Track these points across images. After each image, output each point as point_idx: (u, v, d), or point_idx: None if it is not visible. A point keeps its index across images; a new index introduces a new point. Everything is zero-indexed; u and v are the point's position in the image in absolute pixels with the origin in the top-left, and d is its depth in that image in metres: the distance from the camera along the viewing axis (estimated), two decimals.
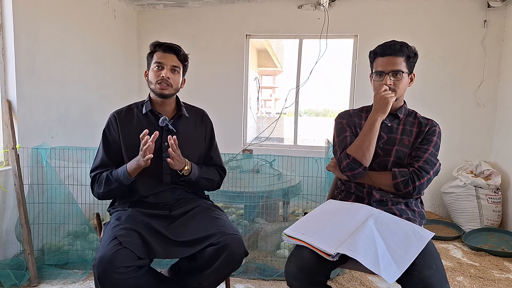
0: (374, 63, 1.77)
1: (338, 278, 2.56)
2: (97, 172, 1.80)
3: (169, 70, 1.80)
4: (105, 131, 1.84)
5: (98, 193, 1.78)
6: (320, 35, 4.12)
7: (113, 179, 1.73)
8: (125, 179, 1.70)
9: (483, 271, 2.75)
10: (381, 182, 1.72)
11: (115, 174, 1.73)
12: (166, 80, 1.78)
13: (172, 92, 1.83)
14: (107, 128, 1.84)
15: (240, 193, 2.88)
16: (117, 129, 1.82)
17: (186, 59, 1.89)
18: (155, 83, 1.79)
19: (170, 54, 1.81)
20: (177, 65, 1.83)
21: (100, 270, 1.42)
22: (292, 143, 4.57)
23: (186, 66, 1.91)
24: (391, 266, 1.29)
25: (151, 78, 1.82)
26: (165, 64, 1.79)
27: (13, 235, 2.67)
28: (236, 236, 1.60)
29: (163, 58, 1.80)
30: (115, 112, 1.87)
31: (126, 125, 1.83)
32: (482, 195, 3.55)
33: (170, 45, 1.83)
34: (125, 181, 1.71)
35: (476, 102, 4.00)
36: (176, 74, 1.83)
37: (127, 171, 1.69)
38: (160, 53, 1.81)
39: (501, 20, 3.87)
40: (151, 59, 1.84)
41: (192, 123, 1.93)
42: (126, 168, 1.71)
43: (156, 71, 1.80)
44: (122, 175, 1.70)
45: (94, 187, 1.80)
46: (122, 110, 1.89)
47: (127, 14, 4.27)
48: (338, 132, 1.85)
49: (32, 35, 2.81)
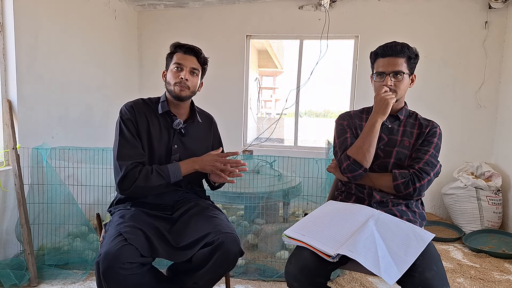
0: (375, 64, 1.77)
1: (338, 279, 2.56)
2: (134, 162, 1.68)
3: (188, 72, 1.78)
4: (125, 120, 1.74)
5: (137, 186, 1.65)
6: (321, 36, 4.12)
7: (163, 174, 1.69)
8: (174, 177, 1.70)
9: (483, 272, 2.75)
10: (382, 184, 1.72)
11: (165, 169, 1.70)
12: (185, 82, 1.76)
13: (189, 94, 1.81)
14: (126, 116, 1.75)
15: (240, 194, 2.88)
16: (135, 118, 1.77)
17: (206, 62, 1.88)
18: (174, 85, 1.77)
19: (190, 56, 1.80)
20: (197, 67, 1.81)
21: (105, 265, 1.42)
22: (293, 144, 4.57)
23: (205, 70, 1.90)
24: (392, 268, 1.29)
25: (170, 79, 1.79)
26: (185, 65, 1.78)
27: (13, 235, 2.67)
28: (232, 235, 1.59)
29: (183, 59, 1.78)
30: (132, 103, 1.80)
31: (143, 119, 1.79)
32: (482, 197, 3.55)
33: (191, 47, 1.81)
34: (173, 179, 1.71)
35: (477, 103, 4.00)
36: (195, 77, 1.82)
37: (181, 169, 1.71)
38: (181, 54, 1.79)
39: (502, 21, 3.87)
40: (171, 60, 1.82)
41: (202, 129, 1.94)
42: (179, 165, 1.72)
43: (175, 72, 1.78)
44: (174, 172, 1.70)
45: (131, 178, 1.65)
46: (139, 103, 1.82)
47: (127, 14, 4.27)
48: (338, 133, 1.85)
49: (32, 35, 2.81)
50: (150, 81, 4.53)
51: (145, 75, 4.57)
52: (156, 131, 1.80)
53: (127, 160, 1.67)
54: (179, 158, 1.82)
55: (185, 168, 1.73)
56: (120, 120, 1.75)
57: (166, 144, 1.81)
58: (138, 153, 1.72)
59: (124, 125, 1.74)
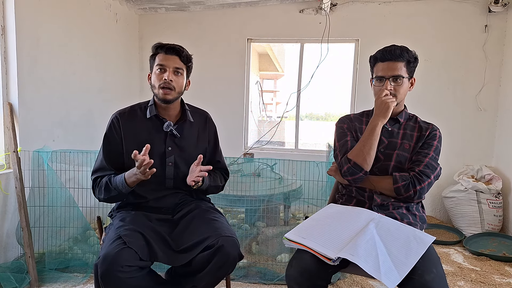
0: (375, 68, 1.78)
1: (339, 283, 2.56)
2: (97, 176, 1.78)
3: (172, 73, 1.75)
4: (107, 134, 1.79)
5: (99, 198, 1.77)
6: (322, 40, 4.13)
7: (112, 187, 1.70)
8: (123, 189, 1.68)
9: (484, 276, 2.74)
10: (382, 187, 1.72)
11: (114, 182, 1.69)
12: (169, 83, 1.73)
13: (176, 96, 1.78)
14: (108, 130, 1.79)
15: (241, 197, 2.88)
16: (120, 131, 1.78)
17: (190, 60, 1.83)
18: (158, 88, 1.74)
19: (172, 56, 1.76)
20: (180, 66, 1.78)
21: (104, 268, 1.42)
22: (293, 147, 4.57)
23: (190, 67, 1.85)
24: (392, 271, 1.29)
25: (154, 82, 1.77)
26: (168, 66, 1.74)
27: (14, 238, 2.67)
28: (231, 238, 1.59)
29: (165, 60, 1.75)
30: (117, 113, 1.82)
31: (129, 127, 1.79)
32: (483, 200, 3.54)
33: (172, 46, 1.78)
34: (124, 190, 1.68)
35: (477, 106, 4.01)
36: (180, 76, 1.78)
37: (126, 182, 1.66)
38: (162, 55, 1.76)
39: (502, 25, 3.88)
40: (153, 61, 1.79)
41: (196, 127, 1.91)
42: (124, 178, 1.66)
43: (158, 74, 1.75)
44: (121, 184, 1.67)
45: (95, 190, 1.78)
46: (125, 111, 1.83)
47: (129, 18, 4.29)
48: (339, 136, 1.86)
49: (34, 39, 2.82)
50: None
51: (146, 79, 4.54)
52: (146, 136, 1.78)
53: (93, 174, 1.80)
54: (174, 160, 1.80)
55: (128, 178, 1.65)
56: (104, 135, 1.82)
57: (160, 148, 1.79)
58: (103, 168, 1.78)
59: (103, 140, 1.81)
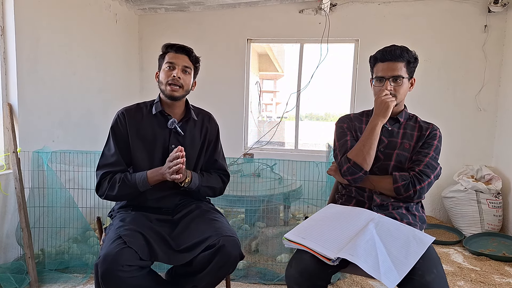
0: (375, 68, 1.78)
1: (339, 283, 2.56)
2: (107, 171, 1.75)
3: (181, 71, 1.80)
4: (114, 128, 1.80)
5: (108, 194, 1.73)
6: (321, 40, 4.13)
7: (130, 184, 1.70)
8: (142, 186, 1.70)
9: (484, 275, 2.74)
10: (382, 186, 1.72)
11: (132, 179, 1.71)
12: (177, 80, 1.77)
13: (182, 93, 1.82)
14: (115, 124, 1.80)
15: (241, 197, 2.88)
16: (126, 127, 1.80)
17: (198, 61, 1.90)
18: (166, 84, 1.78)
19: (182, 55, 1.82)
20: (189, 65, 1.83)
21: (104, 268, 1.42)
22: (293, 147, 4.57)
23: (197, 68, 1.92)
24: (392, 271, 1.29)
25: (162, 79, 1.81)
26: (177, 64, 1.79)
27: (14, 239, 2.67)
28: (232, 238, 1.60)
29: (174, 58, 1.80)
30: (124, 109, 1.84)
31: (134, 123, 1.81)
32: (483, 200, 3.54)
33: (182, 46, 1.84)
34: (142, 188, 1.70)
35: (477, 106, 4.01)
36: (187, 75, 1.83)
37: (147, 179, 1.69)
38: (172, 54, 1.81)
39: (502, 25, 3.88)
40: (163, 60, 1.84)
41: (199, 126, 1.93)
42: (146, 175, 1.69)
43: (167, 71, 1.79)
44: (141, 182, 1.69)
45: (103, 187, 1.74)
46: (132, 108, 1.86)
47: (128, 18, 4.29)
48: (338, 136, 1.86)
49: (34, 39, 2.82)
50: (151, 85, 4.53)
51: (145, 79, 4.58)
52: (150, 133, 1.81)
53: (101, 169, 1.76)
54: None
55: (151, 176, 1.70)
56: (110, 129, 1.81)
57: (163, 145, 1.81)
58: (114, 162, 1.76)
59: (110, 134, 1.80)
